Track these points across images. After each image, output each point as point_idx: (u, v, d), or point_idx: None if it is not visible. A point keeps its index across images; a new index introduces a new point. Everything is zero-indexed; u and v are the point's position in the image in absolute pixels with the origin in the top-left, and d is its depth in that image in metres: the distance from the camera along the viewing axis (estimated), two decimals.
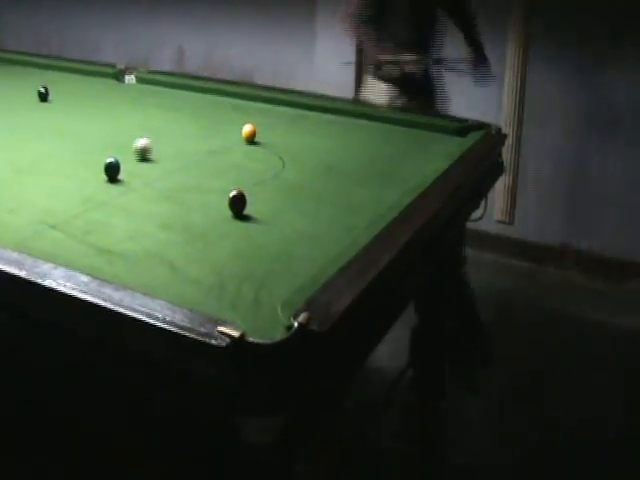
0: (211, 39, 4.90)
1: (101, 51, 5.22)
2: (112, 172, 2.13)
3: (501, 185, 4.00)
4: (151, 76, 3.35)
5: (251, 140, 2.55)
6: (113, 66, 3.46)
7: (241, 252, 1.75)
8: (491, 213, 4.17)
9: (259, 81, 4.44)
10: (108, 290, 1.44)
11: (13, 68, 3.60)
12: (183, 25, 5.01)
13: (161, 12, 5.06)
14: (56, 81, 3.24)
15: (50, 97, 3.00)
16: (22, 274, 1.52)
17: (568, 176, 4.34)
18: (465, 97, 3.50)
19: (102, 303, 1.41)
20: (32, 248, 1.66)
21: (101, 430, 1.62)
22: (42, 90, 3.01)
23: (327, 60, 4.37)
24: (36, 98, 2.99)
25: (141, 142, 2.33)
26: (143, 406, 1.52)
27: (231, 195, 1.94)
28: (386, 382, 2.77)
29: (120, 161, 2.15)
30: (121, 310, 1.39)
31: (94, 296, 1.43)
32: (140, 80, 3.31)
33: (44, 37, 5.52)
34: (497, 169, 2.67)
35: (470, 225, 2.65)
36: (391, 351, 2.72)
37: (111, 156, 2.17)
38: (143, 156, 2.32)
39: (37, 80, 3.15)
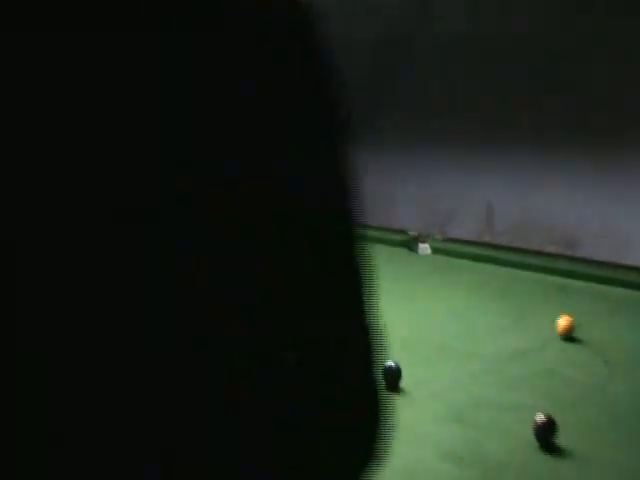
0: (523, 196, 4.39)
1: (398, 209, 4.90)
2: (390, 378, 1.74)
3: None
4: (448, 246, 3.01)
5: (568, 335, 2.13)
6: (405, 233, 3.19)
7: None
8: None
9: (581, 249, 3.82)
10: None
11: None
12: (493, 180, 4.60)
13: (468, 164, 4.69)
14: None
15: None
16: None
17: None
18: None
19: None
20: None
21: None
22: None
23: None
24: None
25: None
26: None
27: (537, 419, 1.59)
28: None
29: (401, 364, 1.77)
30: None
31: None
32: (435, 250, 3.00)
33: None
34: None
35: None
36: None
37: (390, 358, 1.79)
38: None
39: None
